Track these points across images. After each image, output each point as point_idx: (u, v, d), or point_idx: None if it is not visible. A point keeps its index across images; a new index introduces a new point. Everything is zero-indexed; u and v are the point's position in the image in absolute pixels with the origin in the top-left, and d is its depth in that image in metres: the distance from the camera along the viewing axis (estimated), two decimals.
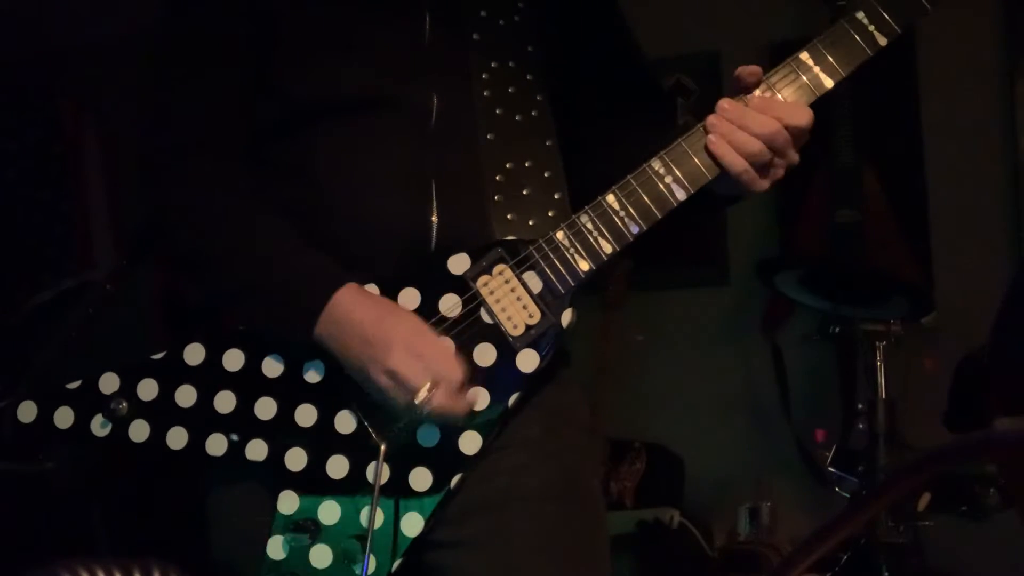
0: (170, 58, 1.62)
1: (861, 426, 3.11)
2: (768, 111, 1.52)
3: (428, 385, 1.43)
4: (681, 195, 1.53)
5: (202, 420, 1.52)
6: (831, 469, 3.15)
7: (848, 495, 3.13)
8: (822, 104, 1.58)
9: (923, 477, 0.76)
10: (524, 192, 1.58)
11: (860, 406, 3.17)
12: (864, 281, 3.18)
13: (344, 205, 1.55)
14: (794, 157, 1.58)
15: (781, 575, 0.80)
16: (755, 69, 1.53)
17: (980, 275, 3.49)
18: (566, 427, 1.63)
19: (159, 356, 1.54)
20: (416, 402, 1.43)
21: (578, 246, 1.52)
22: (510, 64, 1.64)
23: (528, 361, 1.51)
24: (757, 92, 1.54)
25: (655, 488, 3.74)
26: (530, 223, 1.56)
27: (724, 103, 1.53)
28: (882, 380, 3.08)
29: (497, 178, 1.58)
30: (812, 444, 3.53)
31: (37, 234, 4.48)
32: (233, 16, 1.58)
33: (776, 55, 1.51)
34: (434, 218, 1.54)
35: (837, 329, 3.21)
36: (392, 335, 1.45)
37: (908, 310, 3.12)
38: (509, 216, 1.56)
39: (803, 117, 1.53)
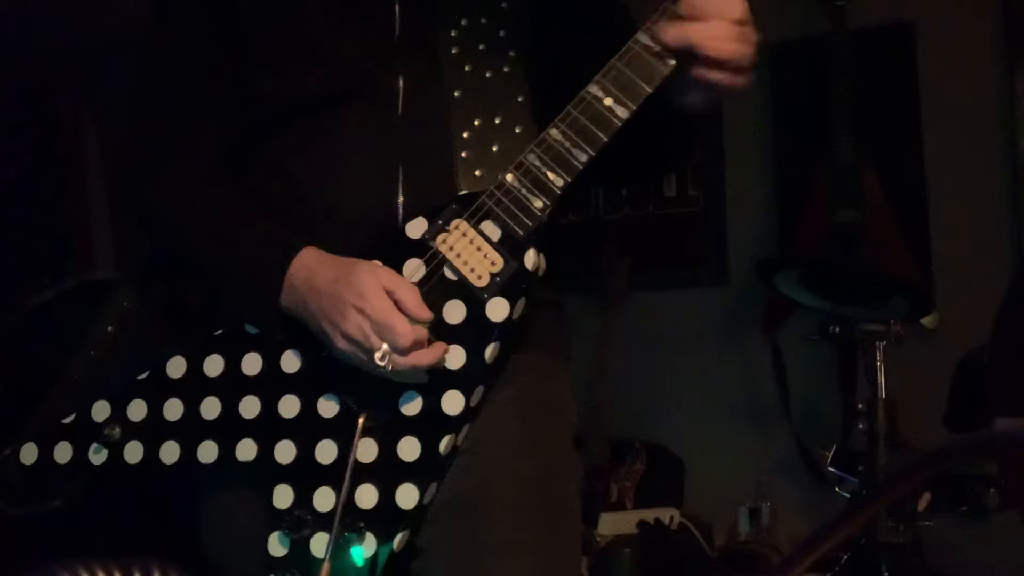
0: (151, 67, 1.66)
1: (861, 426, 3.11)
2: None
3: (383, 349, 1.42)
4: (623, 113, 1.48)
5: (191, 430, 1.52)
6: (831, 469, 3.15)
7: (848, 495, 3.13)
8: (822, 104, 1.58)
9: (923, 477, 0.76)
10: (493, 148, 1.55)
11: (860, 406, 3.17)
12: (864, 281, 3.17)
13: (314, 195, 1.56)
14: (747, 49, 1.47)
15: (781, 575, 0.80)
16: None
17: (980, 275, 3.49)
18: (547, 421, 1.60)
19: (144, 376, 1.55)
20: (377, 363, 1.42)
21: (529, 185, 1.48)
22: (482, 20, 1.61)
23: (498, 309, 1.47)
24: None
25: (655, 488, 3.73)
26: (497, 176, 1.53)
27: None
28: (882, 380, 3.08)
29: (464, 135, 1.56)
30: (812, 444, 3.53)
31: (37, 234, 4.48)
32: (210, 22, 1.61)
33: (776, 55, 1.50)
34: (400, 198, 1.54)
35: (837, 329, 3.21)
36: (344, 298, 1.44)
37: (908, 310, 3.12)
38: (477, 172, 1.54)
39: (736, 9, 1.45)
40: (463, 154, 1.55)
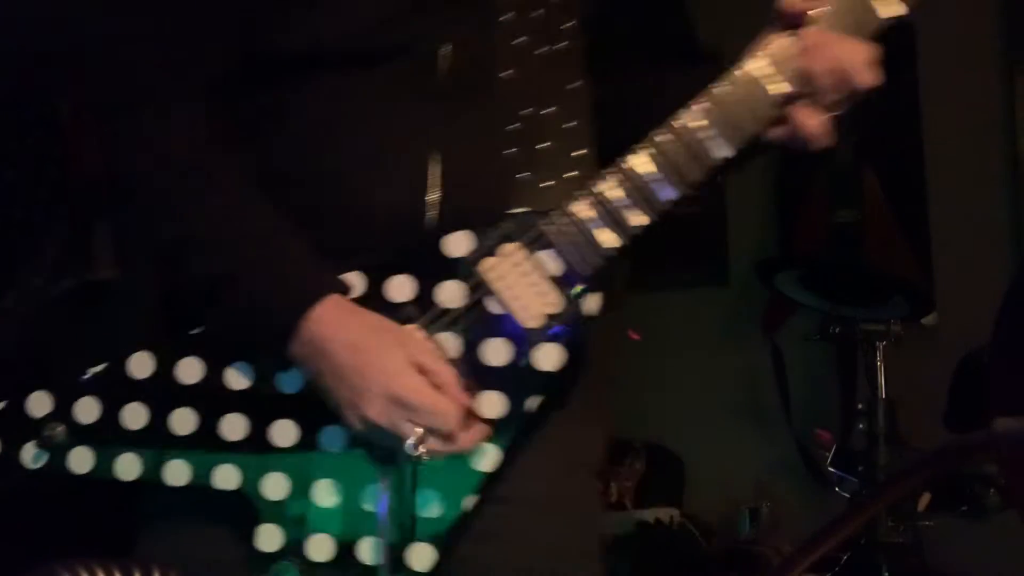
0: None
1: (861, 426, 3.11)
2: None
3: (417, 435, 1.21)
4: (725, 151, 1.31)
5: (157, 444, 1.28)
6: (831, 469, 3.15)
7: (848, 495, 3.13)
8: None
9: (924, 477, 0.76)
10: (540, 146, 1.32)
11: (860, 406, 3.17)
12: (864, 281, 3.18)
13: (325, 178, 1.31)
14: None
15: (781, 575, 0.80)
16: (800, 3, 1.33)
17: (980, 275, 3.49)
18: (578, 472, 1.41)
19: (98, 370, 1.30)
20: (411, 454, 1.21)
21: (603, 219, 1.29)
22: None
23: (549, 357, 1.28)
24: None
25: (655, 488, 3.73)
26: (543, 184, 1.31)
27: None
28: (882, 380, 3.08)
29: (510, 127, 1.32)
30: (812, 444, 3.53)
31: (37, 234, 4.47)
32: None
33: None
34: (432, 195, 1.30)
35: (837, 329, 3.21)
36: (367, 375, 1.22)
37: (908, 310, 3.13)
38: (520, 175, 1.31)
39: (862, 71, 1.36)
40: (507, 150, 1.32)
